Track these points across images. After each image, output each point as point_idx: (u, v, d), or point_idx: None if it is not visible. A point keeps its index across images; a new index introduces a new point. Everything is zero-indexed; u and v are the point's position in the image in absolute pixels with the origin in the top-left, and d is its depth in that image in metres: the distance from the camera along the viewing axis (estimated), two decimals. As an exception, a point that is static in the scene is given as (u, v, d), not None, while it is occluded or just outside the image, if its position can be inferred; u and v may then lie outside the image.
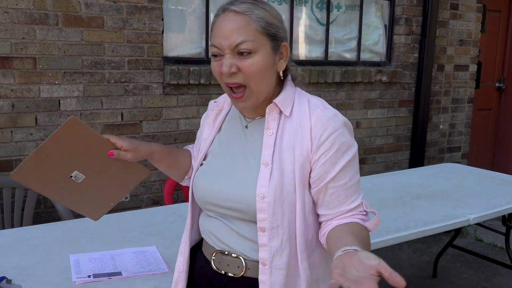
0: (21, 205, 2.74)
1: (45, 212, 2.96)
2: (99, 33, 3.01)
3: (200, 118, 3.37)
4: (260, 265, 1.27)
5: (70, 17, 2.91)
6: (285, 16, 3.90)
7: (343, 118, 1.28)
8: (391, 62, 4.52)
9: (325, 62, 4.14)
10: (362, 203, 1.29)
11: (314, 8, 4.05)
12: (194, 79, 3.32)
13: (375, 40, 4.47)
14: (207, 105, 2.86)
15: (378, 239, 2.24)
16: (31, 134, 2.89)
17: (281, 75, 1.31)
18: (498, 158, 5.90)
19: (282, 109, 1.29)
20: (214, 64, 1.27)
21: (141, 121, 3.23)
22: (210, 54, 1.29)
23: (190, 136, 3.42)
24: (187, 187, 1.51)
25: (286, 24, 3.90)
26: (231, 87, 1.26)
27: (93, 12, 2.97)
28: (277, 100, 1.29)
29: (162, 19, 3.22)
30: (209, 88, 3.44)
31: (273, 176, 1.24)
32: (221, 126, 1.43)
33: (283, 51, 1.28)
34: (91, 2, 2.95)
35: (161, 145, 1.54)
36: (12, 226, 2.74)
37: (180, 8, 3.43)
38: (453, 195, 2.89)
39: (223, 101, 1.45)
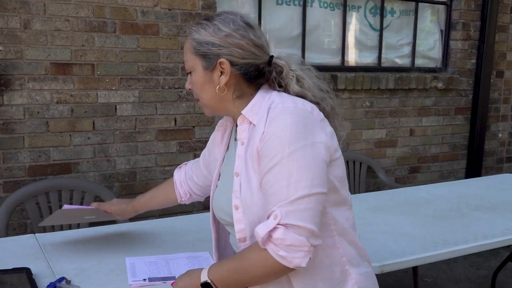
0: (78, 207, 2.82)
1: (100, 215, 3.03)
2: (154, 40, 3.07)
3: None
4: None
5: (127, 25, 2.98)
6: (337, 22, 3.86)
7: (288, 116, 1.19)
8: (447, 68, 4.38)
9: (378, 68, 4.06)
10: (280, 211, 1.14)
11: (368, 13, 3.99)
12: (246, 85, 3.33)
13: (430, 46, 4.35)
14: None
15: (436, 252, 2.16)
16: (88, 138, 2.97)
17: (221, 90, 1.30)
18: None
19: (249, 119, 1.30)
20: None
21: (193, 127, 3.27)
22: None
23: (241, 142, 3.43)
24: None
25: (339, 31, 3.86)
26: None
27: (149, 20, 3.03)
28: (244, 111, 1.32)
29: (216, 26, 3.24)
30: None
31: (242, 185, 1.26)
32: (228, 144, 1.47)
33: (223, 67, 1.29)
34: (147, 10, 3.02)
35: (145, 199, 1.91)
36: (70, 227, 2.82)
37: (233, 14, 3.45)
38: (512, 208, 2.76)
39: (226, 119, 1.49)
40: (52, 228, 2.76)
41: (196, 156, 3.28)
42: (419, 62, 4.29)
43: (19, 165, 2.82)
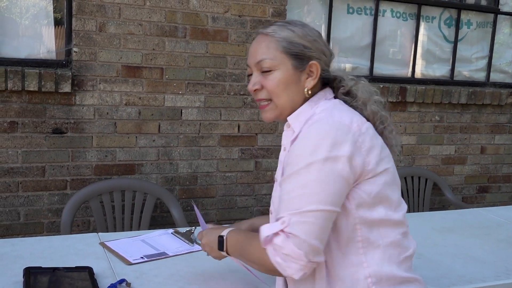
0: (140, 208, 2.87)
1: (160, 216, 3.08)
2: (223, 46, 3.08)
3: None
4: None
5: (197, 30, 3.01)
6: (410, 33, 3.74)
7: (325, 127, 1.19)
8: (525, 84, 4.14)
9: (450, 81, 3.90)
10: (288, 218, 1.14)
11: (442, 24, 3.84)
12: (311, 94, 3.28)
13: (507, 60, 4.12)
14: None
15: (510, 280, 2.02)
16: (153, 140, 3.02)
17: (307, 93, 1.33)
18: None
19: (292, 126, 1.33)
20: (249, 84, 1.39)
21: (256, 134, 3.26)
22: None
23: (304, 152, 3.38)
24: None
25: (410, 42, 3.73)
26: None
27: (219, 26, 3.05)
28: (289, 117, 1.34)
29: (284, 34, 3.22)
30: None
31: (276, 191, 1.33)
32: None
33: (312, 70, 1.32)
34: (218, 16, 3.04)
35: (245, 226, 1.79)
36: (131, 227, 2.87)
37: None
38: None
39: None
40: (114, 228, 2.83)
41: (258, 163, 3.28)
42: (494, 76, 4.08)
43: (86, 163, 2.91)
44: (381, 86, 3.48)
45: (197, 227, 2.30)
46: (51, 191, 2.87)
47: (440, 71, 3.90)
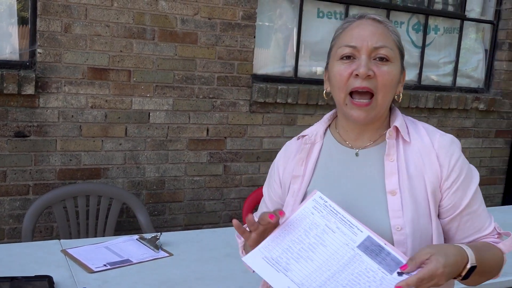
0: (105, 213, 2.81)
1: (126, 222, 3.02)
2: (192, 49, 3.05)
3: (284, 137, 3.30)
4: None
5: (166, 32, 2.97)
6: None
7: (459, 142, 1.26)
8: (490, 89, 4.23)
9: (418, 86, 3.95)
10: (495, 226, 1.24)
11: (410, 29, 3.89)
12: (281, 98, 3.27)
13: (473, 65, 4.21)
14: (292, 125, 2.76)
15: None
16: (120, 144, 2.96)
17: (399, 97, 1.26)
18: None
19: (403, 134, 1.23)
20: (341, 68, 1.19)
21: (225, 138, 3.23)
22: (336, 57, 1.22)
23: (273, 156, 3.35)
24: None
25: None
26: (351, 95, 1.19)
27: (188, 28, 3.02)
28: (397, 124, 1.23)
29: (254, 37, 3.21)
30: (295, 108, 3.38)
31: (406, 205, 1.16)
32: (317, 160, 1.30)
33: (403, 75, 1.26)
34: (187, 18, 3.00)
35: None
36: (95, 233, 2.81)
37: (272, 25, 3.41)
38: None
39: (314, 134, 1.32)
40: (78, 234, 2.77)
41: (226, 167, 3.25)
42: (460, 81, 4.16)
43: (50, 168, 2.83)
44: (350, 90, 3.50)
45: (162, 233, 2.27)
46: (13, 196, 2.78)
47: (408, 75, 3.95)
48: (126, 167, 3.00)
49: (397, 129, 1.24)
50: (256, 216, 1.35)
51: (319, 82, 3.52)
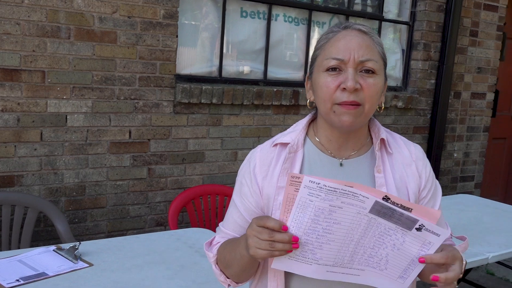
0: (20, 223, 2.65)
1: (44, 231, 2.86)
2: (112, 48, 2.93)
3: (210, 138, 3.26)
4: None
5: (83, 31, 2.84)
6: (301, 37, 3.82)
7: None
8: (408, 87, 4.41)
9: (340, 85, 4.04)
10: (451, 231, 1.32)
11: (331, 30, 3.97)
12: (205, 98, 3.23)
13: (391, 65, 4.37)
14: (218, 125, 2.70)
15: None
16: (35, 149, 2.80)
17: (381, 107, 1.27)
18: (511, 188, 5.75)
19: (387, 147, 1.26)
20: (328, 80, 1.18)
21: (149, 140, 3.14)
22: (322, 68, 1.20)
23: (199, 157, 3.32)
24: (193, 209, 1.39)
25: (303, 46, 3.82)
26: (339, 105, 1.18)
27: (106, 27, 2.90)
28: (383, 136, 1.26)
29: (177, 36, 3.14)
30: (220, 108, 3.35)
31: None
32: (300, 169, 1.25)
33: (385, 84, 1.27)
34: (105, 17, 2.88)
35: None
36: (9, 245, 2.64)
37: (195, 24, 3.36)
38: (470, 230, 2.77)
39: (296, 142, 1.28)
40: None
41: (151, 170, 3.16)
42: (380, 80, 4.30)
43: (-43, 176, 2.63)
44: (275, 89, 3.52)
45: (82, 242, 2.16)
46: None
47: (330, 75, 4.03)
48: (42, 173, 2.83)
49: (382, 141, 1.26)
50: (224, 227, 1.32)
51: (244, 81, 3.52)
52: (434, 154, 4.52)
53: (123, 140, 3.05)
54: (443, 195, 1.40)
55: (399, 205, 1.03)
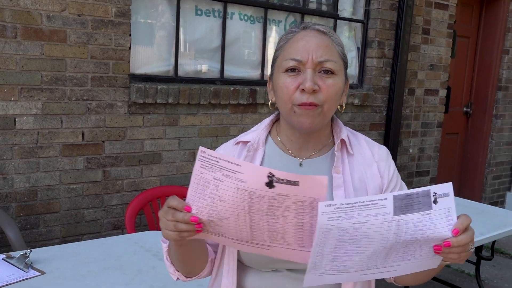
0: (-33, 232, 2.52)
1: (-5, 238, 2.74)
2: (61, 48, 2.83)
3: (167, 138, 3.20)
4: None
5: (30, 30, 2.73)
6: (258, 36, 3.81)
7: None
8: (363, 85, 4.47)
9: (297, 83, 4.05)
10: None
11: (288, 28, 3.97)
12: (161, 98, 3.17)
13: (348, 62, 4.41)
14: (175, 125, 2.63)
15: (352, 275, 2.13)
16: (-18, 153, 2.68)
17: (342, 107, 1.26)
18: (465, 182, 5.93)
19: (348, 148, 1.25)
20: (287, 80, 1.18)
21: (103, 141, 3.05)
22: (281, 69, 1.20)
23: (156, 158, 3.26)
24: (150, 211, 1.35)
25: (259, 45, 3.80)
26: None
27: (55, 25, 2.80)
28: (344, 137, 1.25)
29: (130, 35, 3.07)
30: (177, 108, 3.30)
31: None
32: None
33: (346, 85, 1.27)
34: (53, 15, 2.78)
35: None
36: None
37: (149, 23, 3.29)
38: (426, 225, 2.82)
39: (257, 140, 1.27)
40: None
41: (106, 173, 3.08)
42: (336, 78, 4.34)
43: None
44: (232, 88, 3.50)
45: (34, 249, 2.08)
46: None
47: (287, 73, 4.04)
48: (-10, 179, 2.71)
49: (342, 142, 1.25)
50: None
51: (200, 81, 3.47)
52: (390, 150, 4.59)
53: (76, 142, 2.96)
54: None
55: (285, 181, 0.97)
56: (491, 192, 5.93)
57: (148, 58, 3.31)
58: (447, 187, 1.02)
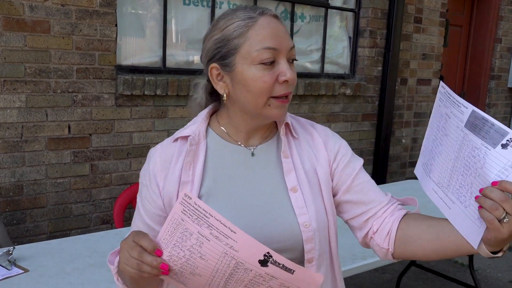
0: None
1: (-21, 235, 2.68)
2: (45, 39, 2.76)
3: (155, 131, 3.14)
4: None
5: (12, 21, 2.65)
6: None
7: None
8: (355, 75, 4.42)
9: (288, 74, 4.00)
10: (391, 195, 1.25)
11: (278, 17, 3.91)
12: (149, 90, 3.11)
13: (339, 52, 4.37)
14: (163, 117, 2.55)
15: (345, 268, 2.09)
16: (-36, 148, 2.61)
17: None
18: (458, 172, 5.93)
19: (292, 131, 1.21)
20: (264, 74, 1.09)
21: (90, 135, 2.99)
22: (252, 60, 1.10)
23: (144, 151, 3.20)
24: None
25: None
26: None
27: (38, 16, 2.72)
28: (289, 121, 1.21)
29: (116, 25, 2.99)
30: (165, 100, 3.24)
31: (308, 200, 1.15)
32: (204, 162, 1.18)
33: None
34: (36, 5, 2.71)
35: None
36: None
37: (135, 13, 3.21)
38: (419, 216, 2.79)
39: (197, 133, 1.20)
40: None
41: (94, 166, 3.02)
42: (328, 68, 4.29)
43: None
44: (222, 79, 3.43)
45: (18, 246, 2.02)
46: None
47: (278, 63, 3.98)
48: (-27, 174, 2.65)
49: (287, 125, 1.21)
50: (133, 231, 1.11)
51: (189, 72, 3.41)
52: (383, 140, 4.56)
53: (62, 135, 2.89)
54: (393, 180, 1.37)
55: (281, 265, 0.93)
56: (484, 181, 5.94)
57: (135, 49, 3.24)
58: None
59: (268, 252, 0.91)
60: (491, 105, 5.76)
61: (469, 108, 0.97)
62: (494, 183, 0.92)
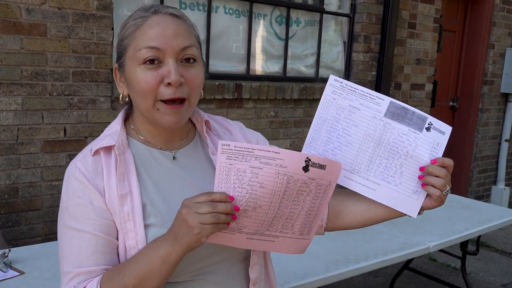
0: None
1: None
2: (41, 42, 2.77)
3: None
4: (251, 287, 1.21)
5: (9, 23, 2.66)
6: (243, 30, 3.77)
7: None
8: (350, 79, 4.45)
9: (283, 78, 4.03)
10: None
11: (273, 22, 3.94)
12: (145, 93, 3.12)
13: (334, 57, 4.40)
14: None
15: (338, 271, 2.12)
16: (-40, 150, 2.61)
17: (202, 93, 1.19)
18: (451, 176, 5.95)
19: (212, 128, 1.24)
20: (147, 74, 1.05)
21: (86, 137, 3.00)
22: (136, 60, 1.07)
23: (140, 154, 3.21)
24: None
25: (245, 39, 3.76)
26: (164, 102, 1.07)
27: (35, 19, 2.73)
28: (207, 118, 1.24)
29: (112, 29, 3.01)
30: (161, 103, 3.25)
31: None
32: (136, 170, 1.13)
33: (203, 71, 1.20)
34: (33, 8, 2.72)
35: None
36: None
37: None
38: (411, 219, 2.82)
39: (120, 143, 1.13)
40: None
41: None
42: (323, 72, 4.32)
43: None
44: (217, 83, 3.46)
45: (13, 248, 2.03)
46: None
47: (273, 67, 4.01)
48: (-32, 176, 2.65)
49: (207, 123, 1.24)
50: (80, 267, 1.07)
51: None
52: (376, 144, 4.59)
53: (58, 138, 2.90)
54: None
55: (317, 164, 1.01)
56: (477, 186, 5.97)
57: (132, 52, 3.25)
58: (446, 127, 1.11)
59: (307, 157, 1.01)
60: (484, 110, 5.81)
61: (386, 99, 1.09)
62: (433, 161, 1.08)
